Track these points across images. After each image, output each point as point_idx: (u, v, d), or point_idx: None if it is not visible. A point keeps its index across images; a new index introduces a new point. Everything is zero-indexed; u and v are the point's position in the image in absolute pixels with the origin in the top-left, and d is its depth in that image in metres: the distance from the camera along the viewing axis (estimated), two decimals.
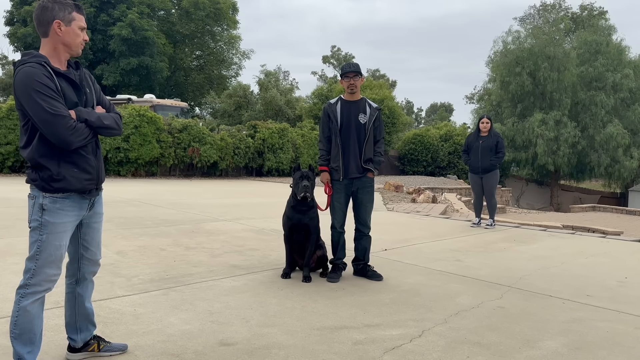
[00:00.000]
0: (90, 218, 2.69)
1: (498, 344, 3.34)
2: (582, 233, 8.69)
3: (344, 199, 4.86)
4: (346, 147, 4.79)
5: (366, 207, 4.92)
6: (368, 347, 3.21)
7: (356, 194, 4.88)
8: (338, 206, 4.86)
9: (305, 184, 4.62)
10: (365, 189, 4.87)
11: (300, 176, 4.69)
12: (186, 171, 19.74)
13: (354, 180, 4.82)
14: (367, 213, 4.94)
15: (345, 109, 4.84)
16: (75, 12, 2.55)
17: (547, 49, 28.51)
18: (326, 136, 4.90)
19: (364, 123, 4.80)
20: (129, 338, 3.17)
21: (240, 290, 4.30)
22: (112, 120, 2.62)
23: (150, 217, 8.02)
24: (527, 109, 29.76)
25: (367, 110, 4.85)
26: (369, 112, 4.84)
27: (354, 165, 4.79)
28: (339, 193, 4.84)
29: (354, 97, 4.88)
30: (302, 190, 4.62)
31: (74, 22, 2.53)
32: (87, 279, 2.81)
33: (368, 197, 4.91)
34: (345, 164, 4.78)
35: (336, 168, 4.81)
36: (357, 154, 4.79)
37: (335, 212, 4.89)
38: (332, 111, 4.86)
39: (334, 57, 57.67)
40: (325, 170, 4.87)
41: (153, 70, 33.83)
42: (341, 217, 4.89)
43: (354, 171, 4.79)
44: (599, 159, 28.28)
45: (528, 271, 5.44)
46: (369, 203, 4.93)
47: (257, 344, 3.18)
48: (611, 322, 3.86)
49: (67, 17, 2.51)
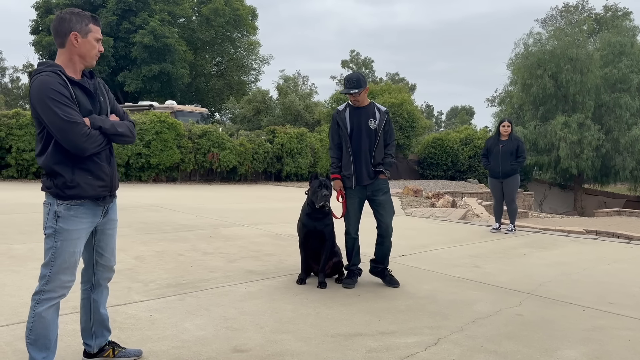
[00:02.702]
0: (104, 225, 2.73)
1: (515, 353, 3.28)
2: (605, 238, 8.51)
3: (358, 205, 4.81)
4: (357, 153, 4.73)
5: (385, 210, 4.80)
6: (382, 355, 3.18)
7: (372, 198, 4.80)
8: (352, 212, 4.81)
9: (325, 192, 4.58)
10: (380, 192, 4.79)
11: (319, 185, 4.63)
12: (206, 176, 19.90)
13: (366, 186, 4.75)
14: (386, 216, 4.81)
15: (354, 116, 4.78)
16: (92, 23, 2.60)
17: (570, 50, 28.03)
18: (336, 143, 4.85)
19: (375, 128, 4.74)
20: (144, 343, 3.19)
21: (255, 296, 4.31)
22: (125, 128, 2.65)
23: (169, 222, 8.10)
24: (549, 112, 29.25)
25: (376, 115, 4.77)
26: (379, 117, 4.77)
27: (365, 172, 4.72)
28: (352, 199, 4.79)
29: (362, 105, 4.82)
30: (322, 199, 4.58)
31: (90, 34, 2.57)
32: (102, 285, 2.84)
33: (385, 199, 4.80)
34: (357, 171, 4.72)
35: (348, 176, 4.75)
36: (367, 160, 4.73)
37: (349, 218, 4.84)
38: (341, 118, 4.80)
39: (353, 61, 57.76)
40: (337, 178, 4.81)
41: (174, 77, 34.24)
42: (355, 223, 4.84)
43: (366, 177, 4.73)
44: (624, 162, 27.63)
45: (548, 277, 5.34)
46: (387, 205, 4.81)
47: (270, 350, 3.17)
48: (633, 331, 3.76)
49: (84, 29, 2.55)
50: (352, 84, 4.69)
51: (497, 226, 8.54)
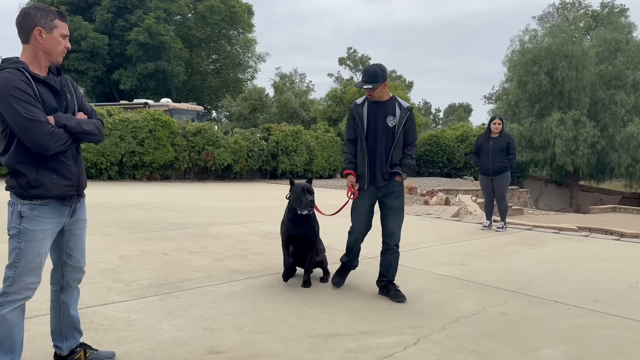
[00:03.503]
0: (72, 225, 2.68)
1: (495, 353, 3.24)
2: (596, 235, 8.48)
3: (368, 208, 4.43)
4: (373, 153, 4.33)
5: (394, 216, 4.39)
6: (360, 355, 3.13)
7: (383, 200, 4.41)
8: (361, 213, 4.42)
9: (310, 198, 4.32)
10: (392, 194, 4.38)
11: (302, 190, 4.36)
12: (200, 174, 19.84)
13: (379, 188, 4.37)
14: (395, 223, 4.40)
15: (372, 111, 4.34)
16: (57, 19, 2.54)
17: (565, 47, 27.96)
18: (351, 139, 4.46)
19: (393, 126, 4.29)
20: (119, 345, 3.14)
21: (237, 296, 4.26)
22: (92, 126, 2.59)
23: (158, 221, 8.05)
24: (545, 109, 29.21)
25: (396, 111, 4.31)
26: (399, 114, 4.30)
27: (380, 173, 4.33)
28: (363, 200, 4.41)
29: (381, 99, 4.35)
30: (307, 206, 4.33)
31: (55, 30, 2.52)
32: (72, 287, 2.79)
33: (396, 204, 4.40)
34: (371, 172, 4.34)
35: (361, 175, 4.37)
36: (383, 161, 4.32)
37: (357, 218, 4.46)
38: (357, 113, 4.38)
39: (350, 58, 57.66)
40: (351, 174, 4.41)
41: (170, 75, 34.15)
42: (362, 226, 4.46)
43: (380, 179, 4.34)
44: (620, 158, 27.60)
45: (535, 275, 5.30)
46: (397, 211, 4.41)
47: (247, 351, 3.13)
48: (617, 330, 3.73)
49: (48, 25, 2.50)
50: (367, 77, 4.27)
51: (487, 224, 8.50)
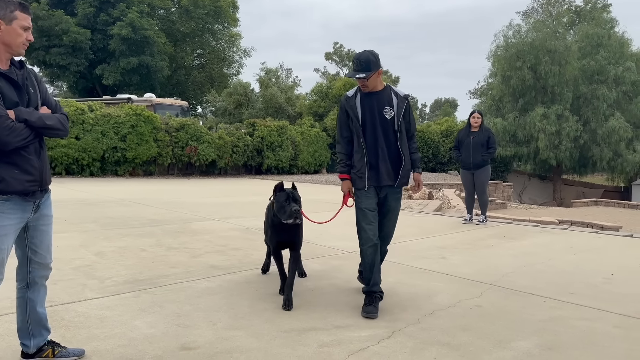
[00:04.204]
0: (37, 221, 2.63)
1: (468, 345, 3.25)
2: (575, 228, 8.57)
3: (375, 206, 4.00)
4: (373, 149, 3.94)
5: (392, 217, 4.13)
6: (333, 349, 3.13)
7: (384, 201, 4.05)
8: (370, 214, 3.95)
9: (295, 207, 3.85)
10: (395, 196, 4.07)
11: (287, 197, 3.91)
12: (184, 170, 19.72)
13: (382, 187, 4.00)
14: (391, 224, 4.16)
15: (366, 103, 3.95)
16: (18, 10, 2.48)
17: (548, 42, 28.19)
18: (345, 137, 4.04)
19: (391, 118, 3.93)
20: (90, 342, 3.10)
21: (213, 292, 4.23)
22: (56, 120, 2.55)
23: (137, 217, 7.97)
24: (529, 104, 29.46)
25: (393, 101, 3.95)
26: (397, 104, 3.94)
27: (385, 171, 3.96)
28: (369, 199, 3.97)
29: (375, 89, 3.98)
30: (292, 215, 3.86)
31: (15, 22, 2.46)
32: (38, 284, 2.74)
33: (396, 205, 4.12)
34: (373, 170, 3.95)
35: (360, 175, 3.96)
36: (385, 157, 3.95)
37: (366, 221, 3.96)
38: (350, 107, 3.97)
39: (337, 53, 57.55)
40: (346, 179, 4.06)
41: (154, 69, 33.79)
42: (374, 226, 3.99)
43: (385, 177, 3.96)
44: (602, 152, 27.97)
45: (513, 268, 5.34)
46: (395, 213, 4.15)
47: (219, 347, 3.11)
48: (590, 321, 3.77)
49: (8, 16, 2.44)
50: (359, 65, 3.87)
51: (468, 217, 8.55)
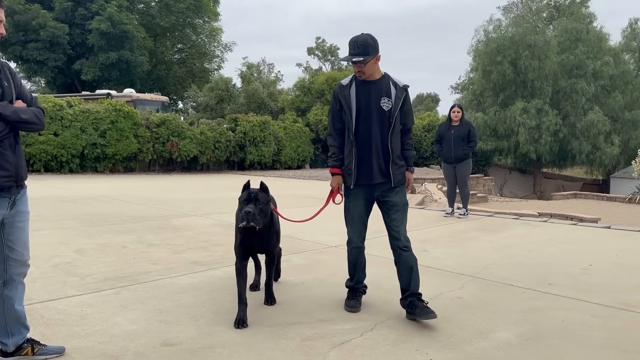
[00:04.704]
0: (13, 217, 2.59)
1: (450, 336, 3.29)
2: (555, 220, 8.71)
3: (364, 208, 3.72)
4: (365, 143, 3.63)
5: (398, 213, 3.68)
6: (316, 342, 3.14)
7: (382, 199, 3.69)
8: (357, 215, 3.71)
9: (247, 209, 3.36)
10: (394, 190, 3.68)
11: (246, 198, 3.45)
12: (166, 166, 19.54)
13: (376, 185, 3.67)
14: (400, 221, 3.67)
15: (362, 92, 3.63)
16: None
17: (528, 37, 28.51)
18: (337, 129, 3.74)
19: (389, 109, 3.60)
20: (70, 340, 3.07)
21: (195, 288, 4.21)
22: (31, 114, 2.51)
23: (118, 214, 7.88)
24: (509, 98, 29.77)
25: (391, 91, 3.63)
26: (395, 94, 3.62)
27: (377, 167, 3.63)
28: (356, 200, 3.70)
29: (372, 77, 3.66)
30: (243, 219, 3.37)
31: None
32: (16, 281, 2.70)
33: (399, 199, 3.68)
34: (364, 166, 3.64)
35: (348, 172, 3.67)
36: (379, 152, 3.62)
37: (352, 223, 3.74)
38: (344, 96, 3.65)
39: (319, 48, 57.42)
40: (337, 174, 3.74)
41: (133, 65, 33.32)
42: (360, 229, 3.74)
43: (377, 174, 3.63)
44: (581, 146, 28.42)
45: (493, 260, 5.41)
46: (402, 207, 3.70)
47: (201, 343, 3.09)
48: (568, 311, 3.84)
49: None
50: (357, 48, 3.52)
51: (450, 211, 8.63)
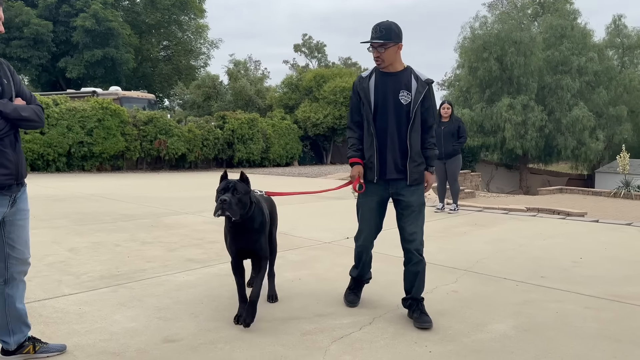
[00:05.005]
0: (13, 215, 2.58)
1: (447, 329, 3.34)
2: (544, 215, 8.83)
3: (377, 206, 3.61)
4: (382, 137, 3.50)
5: (413, 215, 3.53)
6: (316, 337, 3.17)
7: (397, 198, 3.56)
8: (369, 212, 3.63)
9: (224, 198, 3.14)
10: (409, 188, 3.51)
11: (222, 188, 3.26)
12: (153, 164, 19.42)
13: (390, 181, 3.53)
14: (415, 223, 3.53)
15: (381, 85, 3.49)
16: None
17: (514, 34, 28.79)
18: (356, 121, 3.63)
19: (407, 103, 3.45)
20: (70, 338, 3.06)
21: (193, 285, 4.22)
22: (31, 111, 2.50)
23: (108, 212, 7.83)
24: (495, 94, 30.06)
25: (412, 85, 3.46)
26: (415, 88, 3.45)
27: (392, 162, 3.49)
28: (371, 195, 3.58)
29: (393, 69, 3.50)
30: (218, 208, 3.15)
31: None
32: (17, 279, 2.69)
33: (415, 199, 3.52)
34: (381, 160, 3.50)
35: (370, 166, 3.53)
36: (395, 147, 3.48)
37: (364, 219, 3.68)
38: (362, 89, 3.53)
39: (305, 45, 57.28)
40: (357, 163, 3.58)
41: (119, 62, 33.03)
42: (370, 229, 3.69)
43: (391, 170, 3.49)
44: (566, 141, 28.79)
45: (485, 254, 5.48)
46: (416, 209, 3.53)
47: (202, 339, 3.11)
48: (562, 303, 3.91)
49: None
50: (379, 32, 3.37)
51: (440, 206, 8.71)
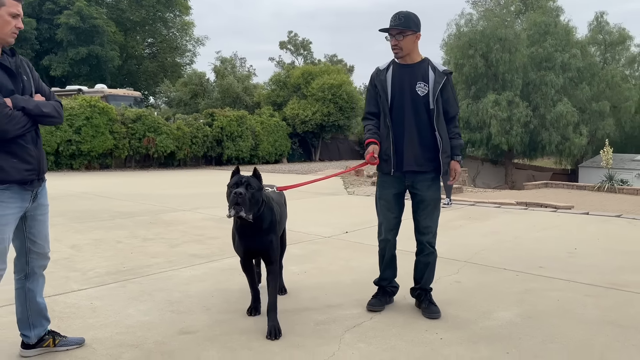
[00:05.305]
0: (34, 210, 2.61)
1: (455, 317, 3.44)
2: (534, 208, 9.00)
3: (395, 198, 3.57)
4: (399, 129, 3.46)
5: (429, 208, 3.58)
6: (329, 326, 3.25)
7: (413, 191, 3.57)
8: (385, 205, 3.60)
9: (239, 191, 2.92)
10: (425, 183, 3.50)
11: (236, 182, 3.01)
12: (142, 162, 19.31)
13: (406, 173, 3.50)
14: (428, 217, 3.61)
15: (398, 77, 3.46)
16: None
17: (499, 30, 29.06)
18: (372, 113, 3.59)
19: (424, 95, 3.40)
20: (86, 332, 3.09)
21: (200, 279, 4.26)
22: (52, 108, 2.53)
23: (104, 210, 7.82)
24: (481, 91, 30.33)
25: (429, 76, 3.42)
26: (433, 79, 3.41)
27: (411, 155, 3.44)
28: (387, 188, 3.57)
29: (410, 60, 3.47)
30: (232, 202, 2.94)
31: (3, 8, 2.41)
32: (37, 274, 2.72)
33: (430, 194, 3.54)
34: (397, 153, 3.47)
35: (386, 158, 3.49)
36: (414, 139, 3.44)
37: (383, 212, 3.63)
38: (380, 80, 3.49)
39: (291, 42, 57.17)
40: (373, 143, 3.49)
41: (104, 60, 32.73)
42: (390, 220, 3.64)
43: (411, 162, 3.45)
44: (550, 137, 29.17)
45: (483, 246, 5.60)
46: (433, 203, 3.58)
47: (218, 330, 3.17)
48: (562, 291, 4.03)
49: None
50: (398, 20, 3.35)
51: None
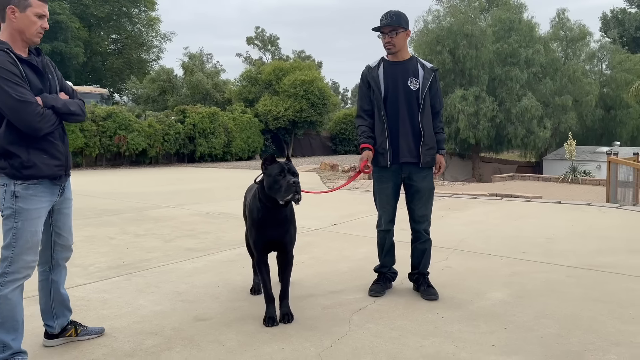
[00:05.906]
0: (61, 204, 2.70)
1: (452, 298, 3.66)
2: (508, 199, 9.38)
3: (392, 191, 3.77)
4: (394, 123, 3.65)
5: (424, 199, 3.76)
6: (337, 310, 3.42)
7: (408, 182, 3.75)
8: (384, 198, 3.79)
9: (294, 180, 2.99)
10: (420, 174, 3.72)
11: (281, 170, 3.05)
12: (113, 160, 19.05)
13: (403, 165, 3.69)
14: (424, 206, 3.77)
15: (390, 73, 3.67)
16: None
17: (465, 27, 29.73)
18: (366, 110, 3.75)
19: (416, 90, 3.63)
20: (102, 322, 3.18)
21: (202, 271, 4.37)
22: (77, 106, 2.63)
23: (88, 208, 7.79)
24: (449, 86, 30.97)
25: (419, 72, 3.66)
26: (422, 75, 3.65)
27: (405, 147, 3.65)
28: (385, 182, 3.75)
29: (400, 57, 3.70)
30: (290, 191, 2.98)
31: (29, 9, 2.48)
32: (61, 265, 2.81)
33: (425, 185, 3.74)
34: (393, 145, 3.65)
35: (382, 152, 3.67)
36: (408, 132, 3.65)
37: (381, 205, 3.84)
38: (372, 77, 3.69)
39: (259, 38, 56.91)
40: (368, 148, 3.67)
41: (68, 56, 32.00)
42: (389, 211, 3.83)
43: (406, 154, 3.65)
44: (516, 130, 30.04)
45: (467, 234, 5.87)
46: (428, 193, 3.77)
47: (232, 316, 3.30)
48: (546, 273, 4.31)
49: (22, 3, 2.46)
50: (390, 18, 3.54)
51: None
